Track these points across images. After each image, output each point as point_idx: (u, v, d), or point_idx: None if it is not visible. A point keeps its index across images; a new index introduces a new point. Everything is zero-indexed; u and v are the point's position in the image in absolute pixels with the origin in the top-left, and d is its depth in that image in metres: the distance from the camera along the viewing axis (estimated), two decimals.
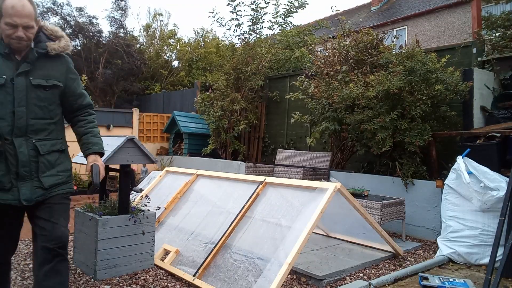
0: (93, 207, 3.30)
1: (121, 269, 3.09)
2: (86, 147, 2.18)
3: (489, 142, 4.01)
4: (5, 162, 1.91)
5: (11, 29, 1.90)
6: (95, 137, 2.21)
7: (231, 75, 8.03)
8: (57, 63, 2.09)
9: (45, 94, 2.02)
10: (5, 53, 1.96)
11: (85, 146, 2.18)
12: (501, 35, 5.50)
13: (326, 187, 3.00)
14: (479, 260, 3.61)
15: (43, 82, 2.01)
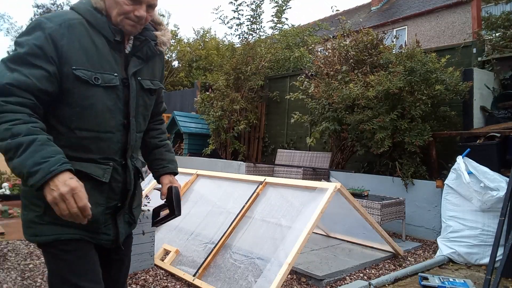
0: None
1: None
2: (159, 165, 1.67)
3: (489, 142, 4.01)
4: (107, 193, 1.37)
5: (131, 5, 1.32)
6: (170, 153, 1.72)
7: (231, 75, 8.03)
8: (157, 59, 1.55)
9: (150, 101, 1.53)
10: (115, 41, 1.36)
11: (158, 163, 1.67)
12: (501, 35, 5.50)
13: (326, 187, 3.00)
14: (479, 260, 3.61)
15: (151, 84, 1.50)
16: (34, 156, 1.11)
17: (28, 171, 1.11)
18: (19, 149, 1.12)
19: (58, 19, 1.27)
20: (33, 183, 1.11)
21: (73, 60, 1.26)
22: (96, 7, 1.34)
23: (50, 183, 1.11)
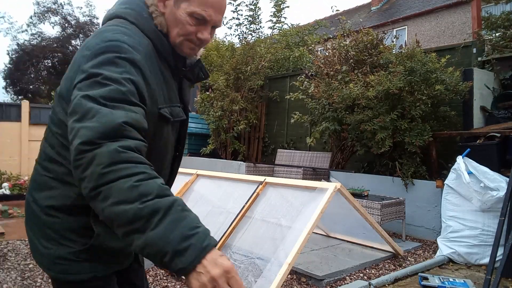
0: None
1: None
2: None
3: (489, 142, 4.01)
4: None
5: (195, 25, 1.12)
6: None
7: (231, 75, 8.03)
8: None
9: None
10: (174, 66, 1.19)
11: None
12: (501, 35, 5.50)
13: (326, 187, 3.00)
14: (479, 260, 3.61)
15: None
16: (179, 227, 0.81)
17: (175, 249, 0.79)
18: (155, 217, 0.80)
19: (139, 47, 1.04)
20: (184, 266, 0.80)
21: (157, 97, 1.08)
22: (156, 23, 1.13)
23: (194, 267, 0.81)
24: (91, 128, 0.86)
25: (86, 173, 0.83)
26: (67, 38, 14.09)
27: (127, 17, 1.12)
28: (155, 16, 1.14)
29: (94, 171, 0.83)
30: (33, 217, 1.14)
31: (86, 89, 0.93)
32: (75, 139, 0.86)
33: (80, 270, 1.11)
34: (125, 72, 0.97)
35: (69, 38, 14.14)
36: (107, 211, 0.82)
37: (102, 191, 0.82)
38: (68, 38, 14.13)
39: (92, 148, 0.84)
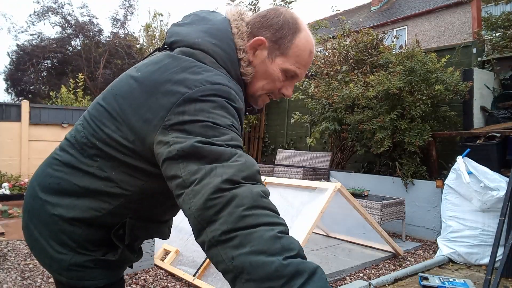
0: None
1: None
2: None
3: (489, 142, 4.01)
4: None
5: (284, 81, 1.06)
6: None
7: None
8: None
9: None
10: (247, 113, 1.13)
11: None
12: (501, 35, 5.50)
13: (326, 187, 3.00)
14: (479, 260, 3.61)
15: None
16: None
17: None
18: (297, 280, 0.69)
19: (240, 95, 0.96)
20: None
21: None
22: (243, 72, 1.03)
23: None
24: (233, 166, 0.77)
25: (222, 214, 0.72)
26: (66, 38, 14.09)
27: (216, 58, 0.99)
28: (244, 64, 1.03)
29: (233, 212, 0.72)
30: (47, 220, 1.06)
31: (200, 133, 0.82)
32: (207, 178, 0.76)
33: (96, 276, 1.07)
34: (234, 121, 0.88)
35: (69, 38, 14.14)
36: (241, 259, 0.69)
37: (238, 235, 0.71)
38: (68, 38, 14.13)
39: (234, 187, 0.75)
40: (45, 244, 1.06)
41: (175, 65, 0.94)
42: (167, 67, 0.94)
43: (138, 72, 0.99)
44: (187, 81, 0.89)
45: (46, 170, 1.10)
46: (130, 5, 14.70)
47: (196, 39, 1.01)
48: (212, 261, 0.75)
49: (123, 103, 0.97)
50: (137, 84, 0.96)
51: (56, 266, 1.06)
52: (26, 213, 1.11)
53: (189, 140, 0.81)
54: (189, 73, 0.91)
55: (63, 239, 1.04)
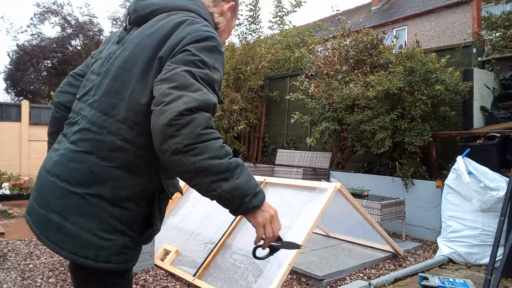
0: None
1: None
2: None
3: (489, 142, 4.01)
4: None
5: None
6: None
7: (230, 75, 8.03)
8: None
9: None
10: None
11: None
12: (501, 35, 5.50)
13: (326, 187, 3.00)
14: (479, 260, 3.61)
15: None
16: (251, 177, 1.10)
17: (254, 192, 1.09)
18: (238, 170, 1.06)
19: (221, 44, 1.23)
20: (257, 204, 1.11)
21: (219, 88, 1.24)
22: (216, 22, 1.37)
23: (262, 205, 1.13)
24: (194, 98, 1.05)
25: (183, 131, 1.00)
26: (66, 38, 14.09)
27: (200, 13, 1.27)
28: (217, 16, 1.34)
29: (193, 131, 1.01)
30: (92, 212, 1.11)
31: (185, 65, 1.10)
32: (175, 102, 1.03)
33: (134, 257, 1.21)
34: (216, 63, 1.15)
35: (69, 38, 14.14)
36: (200, 163, 1.01)
37: (198, 147, 1.01)
38: (68, 38, 14.13)
39: (192, 113, 1.02)
40: (91, 237, 1.11)
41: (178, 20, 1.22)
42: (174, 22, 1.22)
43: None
44: (187, 28, 1.18)
45: (69, 165, 1.15)
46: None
47: (177, 3, 1.28)
48: (172, 164, 1.04)
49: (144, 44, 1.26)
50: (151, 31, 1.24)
51: (106, 253, 1.13)
52: (57, 215, 1.13)
53: (175, 69, 1.09)
54: (187, 24, 1.19)
55: (113, 225, 1.13)
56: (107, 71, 1.23)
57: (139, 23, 1.28)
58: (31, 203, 1.21)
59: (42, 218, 1.15)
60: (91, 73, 1.31)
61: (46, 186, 1.17)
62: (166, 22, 1.22)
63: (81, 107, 1.24)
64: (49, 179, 1.17)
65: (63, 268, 3.26)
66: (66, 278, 3.02)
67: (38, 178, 1.24)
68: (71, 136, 1.20)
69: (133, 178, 1.15)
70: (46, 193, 1.17)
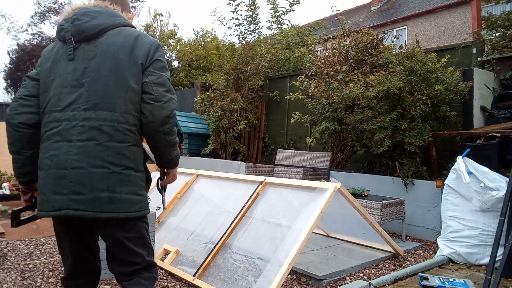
0: None
1: None
2: None
3: (489, 142, 4.01)
4: None
5: None
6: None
7: (231, 75, 8.03)
8: None
9: None
10: None
11: None
12: (501, 35, 5.50)
13: (326, 187, 3.00)
14: (479, 260, 3.61)
15: None
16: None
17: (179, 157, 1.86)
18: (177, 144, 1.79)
19: None
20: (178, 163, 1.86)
21: None
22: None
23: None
24: (176, 101, 1.70)
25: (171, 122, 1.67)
26: None
27: (132, 26, 1.76)
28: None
29: (173, 122, 1.69)
30: (129, 179, 1.61)
31: (163, 71, 1.67)
32: (169, 102, 1.64)
33: (148, 206, 1.74)
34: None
35: None
36: (173, 141, 1.73)
37: (174, 131, 1.71)
38: None
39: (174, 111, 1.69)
40: (134, 197, 1.62)
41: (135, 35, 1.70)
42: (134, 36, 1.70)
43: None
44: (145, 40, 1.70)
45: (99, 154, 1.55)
46: (133, 6, 14.68)
47: (116, 21, 1.69)
48: (160, 139, 1.67)
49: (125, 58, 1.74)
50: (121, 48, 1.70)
51: (143, 204, 1.68)
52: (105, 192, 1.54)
53: (162, 76, 1.66)
54: (142, 37, 1.70)
55: (141, 184, 1.69)
56: (93, 81, 1.58)
57: (88, 40, 1.62)
58: (66, 201, 1.52)
59: (92, 200, 1.53)
60: (62, 87, 1.60)
61: (85, 178, 1.53)
62: (126, 36, 1.65)
63: (73, 114, 1.56)
64: (84, 172, 1.53)
65: (63, 268, 3.25)
66: None
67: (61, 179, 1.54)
68: (79, 136, 1.54)
69: (139, 149, 1.68)
70: (87, 181, 1.52)
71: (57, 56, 1.64)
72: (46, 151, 1.58)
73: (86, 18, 1.62)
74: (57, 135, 1.56)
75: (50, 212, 1.56)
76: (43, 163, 1.59)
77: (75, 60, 1.60)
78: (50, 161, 1.56)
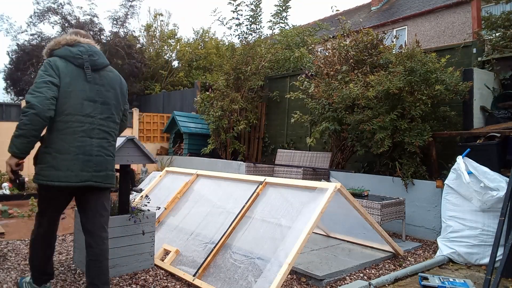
0: None
1: (121, 269, 3.09)
2: None
3: (489, 142, 4.01)
4: None
5: None
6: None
7: (231, 75, 8.03)
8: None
9: None
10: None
11: None
12: (501, 35, 5.50)
13: (326, 187, 3.00)
14: (479, 260, 3.61)
15: None
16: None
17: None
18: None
19: None
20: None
21: None
22: None
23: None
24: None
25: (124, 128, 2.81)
26: None
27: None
28: None
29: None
30: (113, 163, 2.55)
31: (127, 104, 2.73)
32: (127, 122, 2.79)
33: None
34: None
35: None
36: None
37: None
38: None
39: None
40: (114, 174, 2.53)
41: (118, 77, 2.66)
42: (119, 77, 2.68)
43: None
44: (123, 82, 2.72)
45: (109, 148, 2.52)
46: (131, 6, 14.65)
47: (107, 62, 2.58)
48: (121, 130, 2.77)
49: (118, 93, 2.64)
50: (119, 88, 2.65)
51: (112, 180, 2.50)
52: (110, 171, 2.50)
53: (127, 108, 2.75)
54: (122, 79, 2.70)
55: (113, 164, 2.55)
56: (103, 102, 2.46)
57: (97, 71, 2.47)
58: (90, 176, 2.36)
59: (105, 176, 2.44)
60: (83, 99, 2.38)
61: (103, 162, 2.43)
62: (115, 75, 2.61)
63: (92, 120, 2.40)
64: (102, 159, 2.43)
65: (63, 268, 3.26)
66: (66, 278, 3.02)
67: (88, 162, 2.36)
68: (97, 135, 2.42)
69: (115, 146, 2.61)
70: (104, 165, 2.43)
71: (73, 74, 2.35)
72: (72, 142, 2.31)
73: (97, 56, 2.48)
74: (82, 132, 2.34)
75: (77, 183, 2.31)
76: (69, 150, 2.30)
77: (90, 83, 2.41)
78: (78, 149, 2.32)
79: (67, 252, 3.70)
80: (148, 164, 7.67)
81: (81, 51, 2.39)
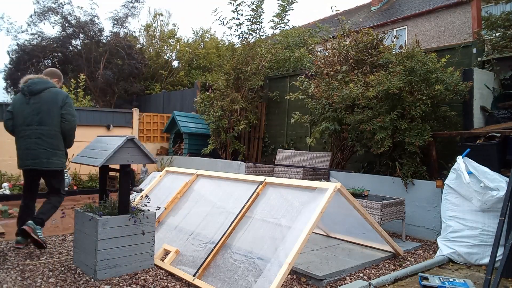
0: (93, 207, 3.30)
1: (121, 269, 3.09)
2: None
3: (489, 142, 4.01)
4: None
5: None
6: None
7: (231, 75, 8.03)
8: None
9: None
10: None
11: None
12: (501, 35, 5.50)
13: (326, 187, 3.00)
14: (479, 260, 3.61)
15: None
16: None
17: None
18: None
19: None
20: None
21: None
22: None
23: None
24: (75, 121, 3.93)
25: (73, 131, 3.95)
26: (67, 38, 14.04)
27: (56, 87, 3.92)
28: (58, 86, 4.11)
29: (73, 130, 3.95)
30: (57, 154, 3.78)
31: (69, 107, 3.84)
32: (73, 121, 3.87)
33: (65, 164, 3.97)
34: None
35: (70, 38, 14.09)
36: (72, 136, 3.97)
37: (73, 133, 3.94)
38: (69, 38, 14.07)
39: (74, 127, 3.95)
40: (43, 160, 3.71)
41: (56, 90, 3.90)
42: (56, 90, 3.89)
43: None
44: (61, 93, 3.87)
45: (49, 141, 3.74)
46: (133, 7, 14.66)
47: (49, 85, 3.85)
48: (70, 135, 3.88)
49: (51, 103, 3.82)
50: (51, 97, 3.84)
51: (48, 165, 3.72)
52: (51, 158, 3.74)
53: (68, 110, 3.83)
54: (60, 92, 3.87)
55: (48, 154, 3.73)
56: (39, 113, 3.68)
57: (34, 94, 3.71)
58: (29, 163, 3.72)
59: (39, 162, 3.68)
60: (22, 116, 3.73)
61: (36, 153, 3.68)
62: (53, 92, 3.77)
63: (30, 127, 3.68)
64: (36, 151, 3.68)
65: (63, 268, 3.26)
66: (66, 278, 3.02)
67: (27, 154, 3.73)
68: (35, 136, 3.68)
69: (59, 140, 3.79)
70: (38, 154, 3.68)
71: (20, 101, 3.77)
72: (21, 143, 3.72)
73: (35, 85, 3.73)
74: (25, 136, 3.70)
75: (25, 167, 3.73)
76: (20, 147, 3.75)
77: (28, 104, 3.71)
78: (23, 146, 3.71)
79: (67, 252, 3.70)
80: (148, 164, 7.68)
81: (25, 85, 3.75)
